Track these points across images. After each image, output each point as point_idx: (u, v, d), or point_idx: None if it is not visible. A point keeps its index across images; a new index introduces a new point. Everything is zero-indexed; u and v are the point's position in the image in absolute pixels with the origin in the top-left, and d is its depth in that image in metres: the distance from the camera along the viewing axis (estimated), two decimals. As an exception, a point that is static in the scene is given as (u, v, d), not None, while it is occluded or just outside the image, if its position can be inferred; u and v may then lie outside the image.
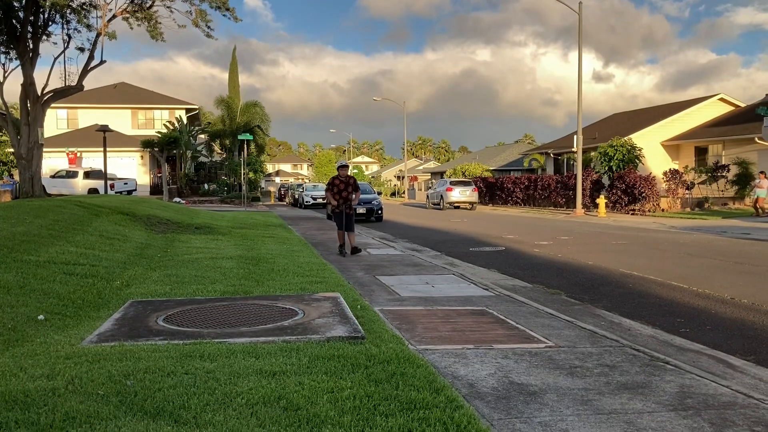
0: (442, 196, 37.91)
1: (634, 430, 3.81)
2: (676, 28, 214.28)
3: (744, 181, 29.91)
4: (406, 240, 17.68)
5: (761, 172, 26.62)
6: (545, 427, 3.85)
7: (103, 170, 30.41)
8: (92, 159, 40.51)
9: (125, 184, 36.82)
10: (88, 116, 46.68)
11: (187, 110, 49.91)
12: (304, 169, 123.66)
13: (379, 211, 26.35)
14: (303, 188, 46.10)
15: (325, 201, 36.71)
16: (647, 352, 5.61)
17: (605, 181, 32.32)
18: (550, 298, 8.64)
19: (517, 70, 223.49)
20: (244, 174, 38.90)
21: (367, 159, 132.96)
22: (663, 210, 29.36)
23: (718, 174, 30.79)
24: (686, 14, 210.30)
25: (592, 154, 34.78)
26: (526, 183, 39.46)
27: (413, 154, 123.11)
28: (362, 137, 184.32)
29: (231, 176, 47.57)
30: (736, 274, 10.84)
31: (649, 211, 28.81)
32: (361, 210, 25.97)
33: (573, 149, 32.42)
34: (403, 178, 76.43)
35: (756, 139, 28.62)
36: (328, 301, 7.15)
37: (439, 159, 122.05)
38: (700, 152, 35.34)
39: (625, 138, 33.38)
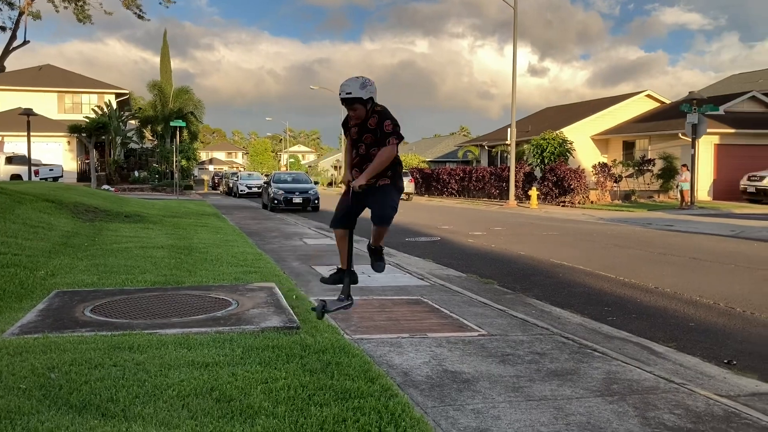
0: (378, 186, 37.92)
1: (563, 415, 3.92)
2: (608, 24, 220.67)
3: (668, 174, 31.14)
4: (342, 230, 17.62)
5: (683, 165, 27.77)
6: (478, 414, 3.91)
7: (26, 156, 29.13)
8: (15, 144, 38.79)
9: (51, 170, 35.41)
10: (10, 99, 44.53)
11: (117, 95, 48.38)
12: (239, 158, 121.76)
13: (316, 201, 26.23)
14: (238, 177, 45.43)
15: (260, 190, 36.54)
16: (576, 340, 5.77)
17: (537, 173, 33.06)
18: (483, 287, 8.79)
19: (454, 62, 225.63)
20: (176, 161, 38.00)
21: (303, 148, 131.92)
22: (592, 202, 30.27)
23: (645, 168, 31.93)
24: (617, 12, 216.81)
25: (525, 146, 35.51)
26: (462, 174, 39.95)
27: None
28: (299, 126, 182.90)
29: (163, 164, 46.38)
30: (660, 264, 11.28)
31: (578, 203, 29.65)
32: (297, 199, 25.78)
33: (507, 142, 33.04)
34: (340, 167, 76.27)
35: (680, 134, 29.81)
36: (263, 291, 7.07)
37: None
38: (628, 146, 36.57)
39: (557, 131, 34.22)
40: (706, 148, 30.59)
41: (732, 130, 31.19)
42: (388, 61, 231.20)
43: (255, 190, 39.54)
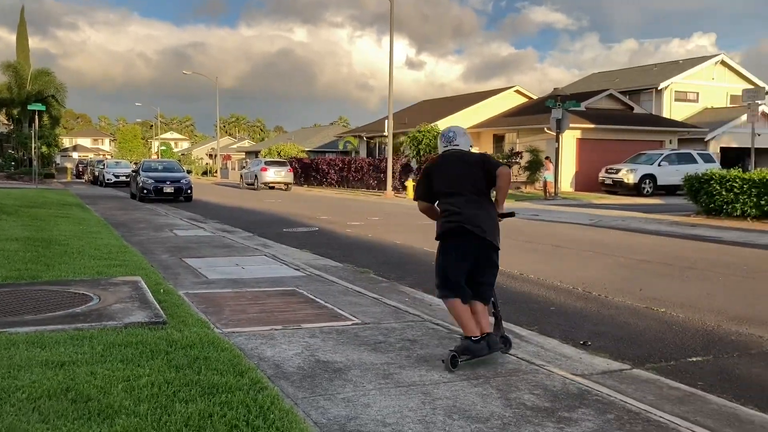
0: (256, 176, 37.36)
1: (431, 400, 4.02)
2: (482, 21, 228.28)
3: (535, 167, 32.75)
4: (217, 221, 17.19)
5: (546, 158, 29.33)
6: (348, 402, 3.94)
7: None
8: None
9: None
10: None
11: (-34, 75, 44.31)
12: (106, 145, 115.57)
13: (189, 191, 25.36)
14: (104, 165, 43.20)
15: (129, 179, 34.85)
16: (446, 326, 5.95)
17: (414, 164, 33.74)
18: (359, 276, 8.85)
19: (333, 53, 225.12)
20: (35, 148, 35.43)
21: (176, 135, 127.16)
22: (465, 193, 31.28)
23: (513, 160, 33.42)
24: (490, 9, 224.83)
25: (402, 138, 36.13)
26: (341, 165, 40.08)
27: (227, 132, 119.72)
28: (171, 112, 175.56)
29: (20, 150, 43.12)
30: (526, 252, 11.85)
31: (452, 193, 30.55)
32: (168, 189, 24.81)
33: (385, 133, 33.48)
34: (216, 156, 74.21)
35: (545, 129, 31.42)
36: (128, 286, 6.73)
37: (254, 138, 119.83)
38: (498, 139, 38.12)
39: (433, 124, 35.06)
40: (569, 142, 32.44)
41: (592, 126, 33.25)
42: (267, 48, 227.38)
43: (123, 179, 37.74)
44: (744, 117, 26.54)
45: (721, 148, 36.74)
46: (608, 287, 8.45)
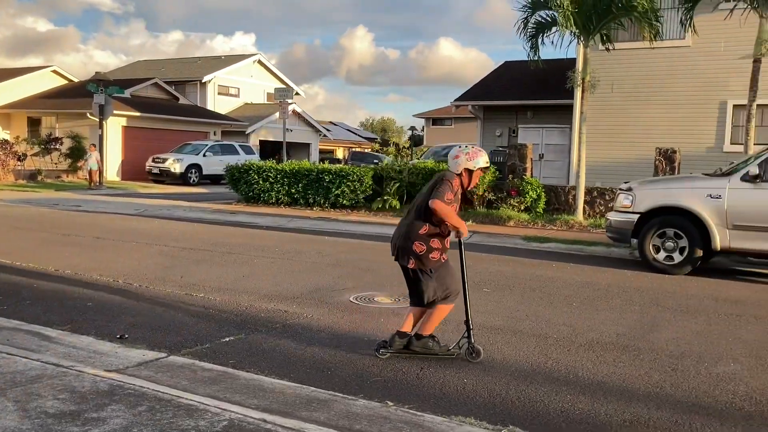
0: None
1: (-76, 428, 3.38)
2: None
3: (77, 154, 30.65)
4: None
5: (92, 145, 27.76)
6: None
7: None
8: None
9: None
10: None
11: None
12: None
13: None
14: None
15: None
16: (-44, 338, 5.09)
17: None
18: None
19: None
20: None
21: None
22: (-7, 182, 27.53)
23: (52, 146, 30.69)
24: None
25: None
26: None
27: None
28: None
29: None
30: (64, 245, 10.99)
31: (-23, 182, 26.57)
32: None
33: None
34: None
35: (88, 114, 29.62)
36: None
37: None
38: (34, 123, 34.52)
39: (-53, 101, 29.83)
40: (115, 129, 31.29)
41: (138, 114, 32.62)
42: None
43: None
44: (278, 114, 29.26)
45: (260, 141, 40.04)
46: (150, 277, 8.40)
